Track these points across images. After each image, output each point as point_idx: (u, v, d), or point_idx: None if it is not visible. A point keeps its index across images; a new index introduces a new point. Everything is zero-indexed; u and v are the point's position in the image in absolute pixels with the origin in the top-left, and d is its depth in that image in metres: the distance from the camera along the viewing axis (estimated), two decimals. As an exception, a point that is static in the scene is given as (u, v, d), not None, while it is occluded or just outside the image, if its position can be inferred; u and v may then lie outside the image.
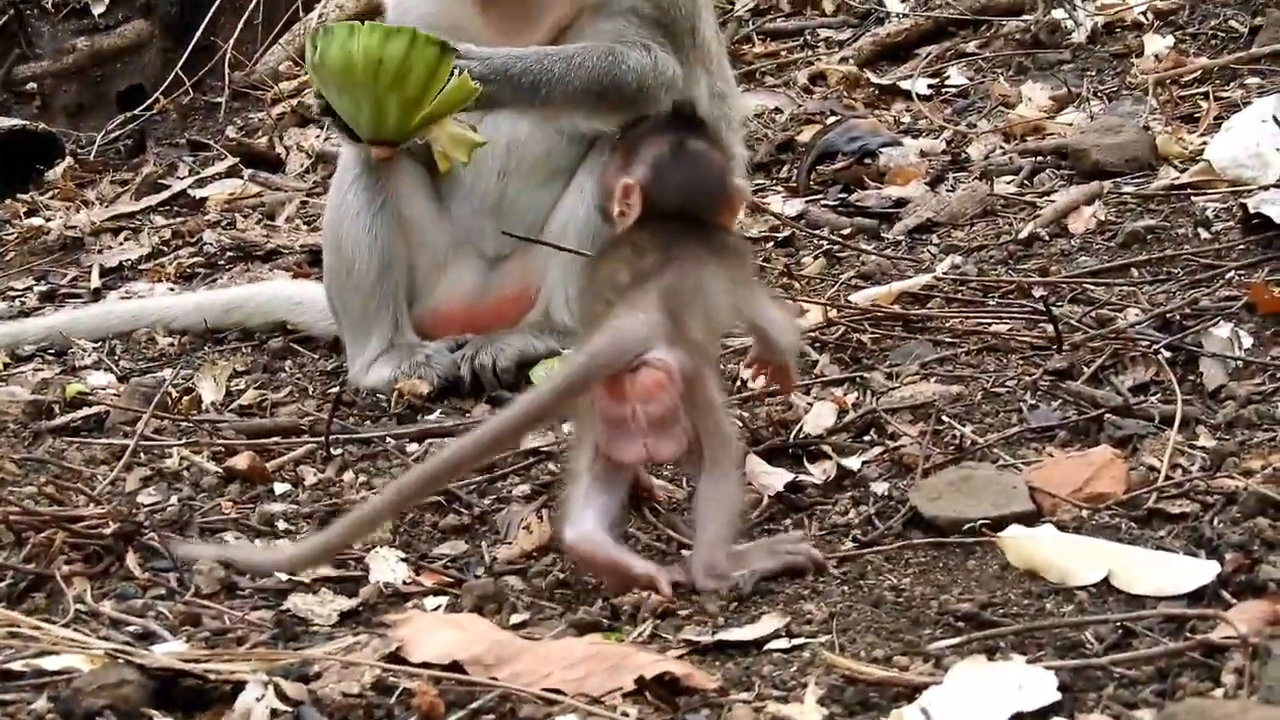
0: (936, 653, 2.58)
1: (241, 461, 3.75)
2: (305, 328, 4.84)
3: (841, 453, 3.49)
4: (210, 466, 3.79)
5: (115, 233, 6.31)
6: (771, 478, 3.38)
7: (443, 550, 3.31)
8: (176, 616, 2.97)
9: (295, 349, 4.74)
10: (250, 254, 5.82)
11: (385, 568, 3.15)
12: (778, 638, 2.71)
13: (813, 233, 5.01)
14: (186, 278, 5.73)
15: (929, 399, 3.65)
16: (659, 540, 3.20)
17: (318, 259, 4.91)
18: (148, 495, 3.66)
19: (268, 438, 3.98)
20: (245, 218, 6.27)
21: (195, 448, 3.90)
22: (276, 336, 4.83)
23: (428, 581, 3.15)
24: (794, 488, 3.36)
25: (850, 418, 3.64)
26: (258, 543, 3.38)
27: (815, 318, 4.18)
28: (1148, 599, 2.72)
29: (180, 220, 6.35)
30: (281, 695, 2.48)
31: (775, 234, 5.07)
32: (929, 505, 3.13)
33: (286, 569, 3.10)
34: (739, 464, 3.05)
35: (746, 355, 3.40)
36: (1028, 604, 2.76)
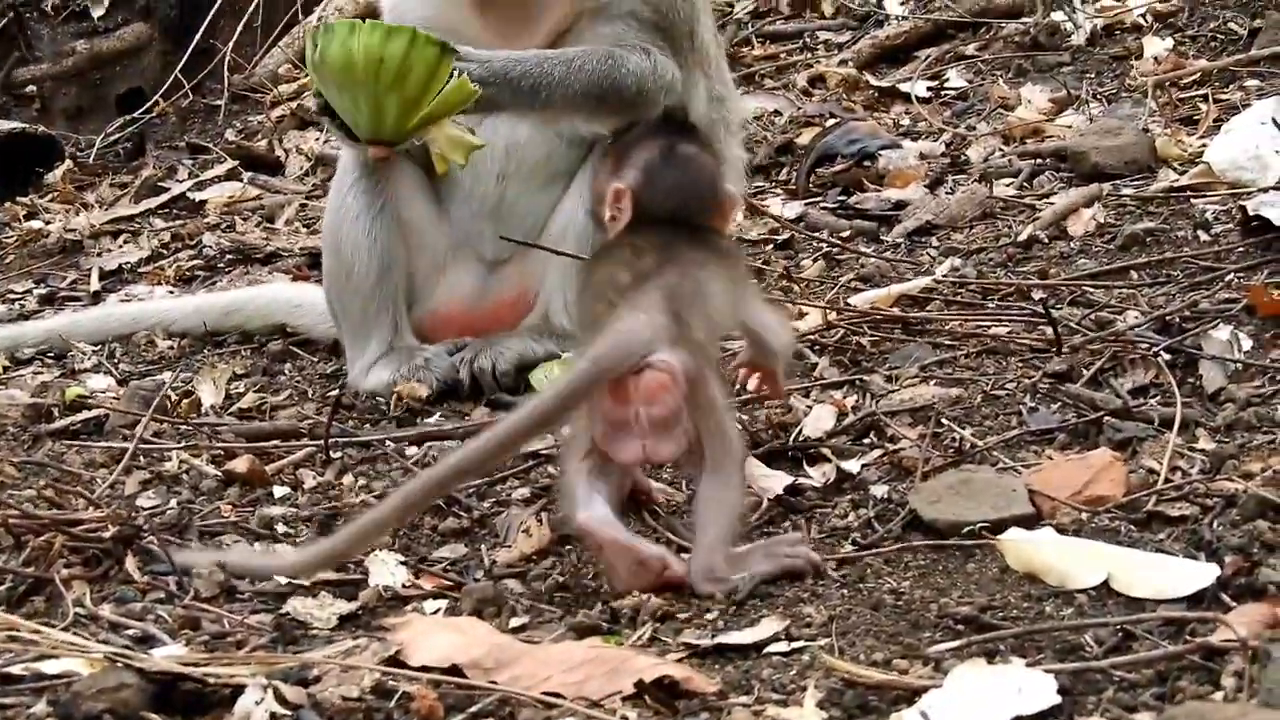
0: (936, 656, 2.58)
1: (241, 465, 3.75)
2: (305, 330, 4.83)
3: (841, 455, 3.49)
4: (210, 470, 3.79)
5: (115, 236, 6.30)
6: (771, 480, 3.38)
7: (442, 553, 3.30)
8: (176, 620, 2.96)
9: (295, 352, 4.73)
10: (250, 257, 5.81)
11: (384, 571, 3.15)
12: (777, 641, 2.71)
13: (812, 235, 5.01)
14: (186, 281, 5.72)
15: (928, 402, 3.66)
16: (659, 543, 3.19)
17: (317, 262, 4.91)
18: (147, 498, 3.66)
19: (267, 441, 3.98)
20: (245, 220, 6.26)
21: (195, 451, 3.90)
22: (276, 339, 4.82)
23: (427, 585, 3.14)
24: (793, 490, 3.36)
25: (850, 420, 3.64)
26: (257, 546, 3.38)
27: (814, 320, 4.18)
28: (1147, 602, 2.72)
29: (180, 223, 6.34)
30: (281, 699, 2.48)
31: (774, 236, 5.07)
32: (928, 508, 3.13)
33: (292, 574, 3.09)
34: (741, 466, 3.05)
35: (736, 358, 3.41)
36: (1027, 607, 2.76)
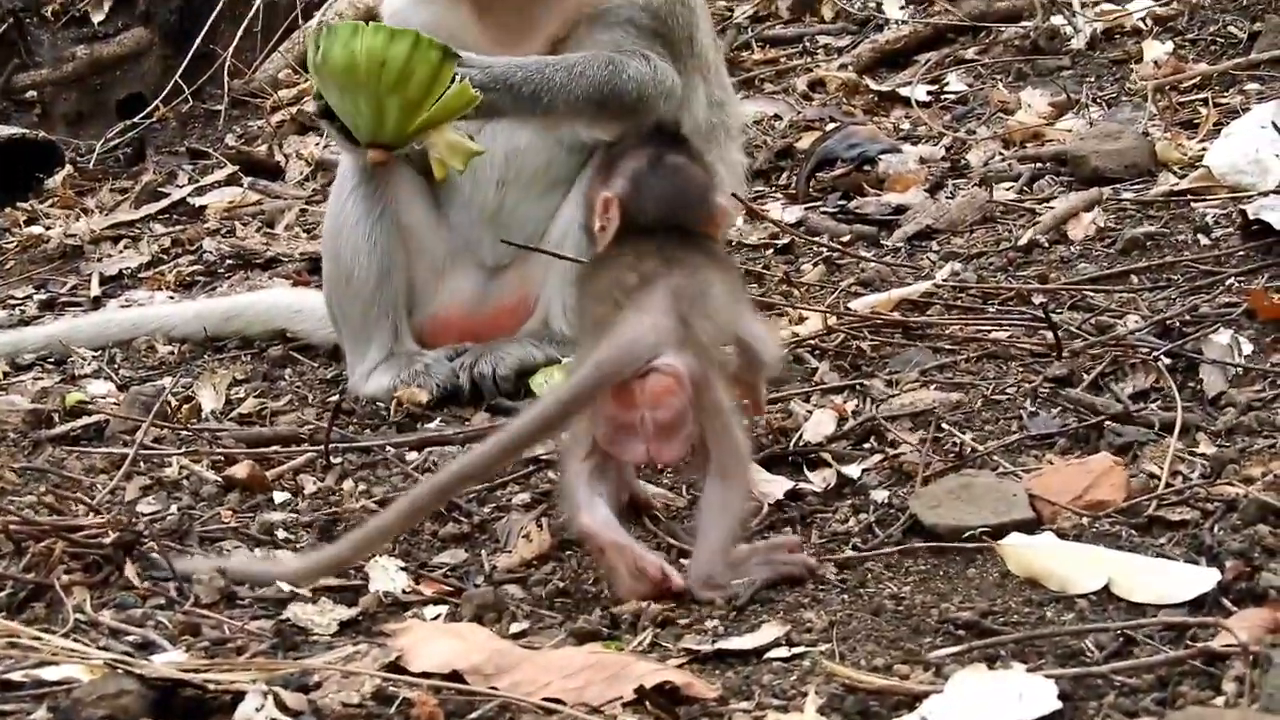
0: (937, 661, 2.58)
1: (241, 470, 3.75)
2: (305, 336, 4.83)
3: (841, 460, 3.49)
4: (210, 475, 3.79)
5: (115, 241, 6.30)
6: (771, 486, 3.37)
7: (442, 559, 3.30)
8: (176, 626, 2.96)
9: (295, 357, 4.73)
10: (250, 262, 5.81)
11: (385, 577, 3.15)
12: (778, 646, 2.71)
13: (812, 240, 5.01)
14: (186, 286, 5.71)
15: (929, 406, 3.65)
16: (659, 548, 3.19)
17: (317, 267, 4.91)
18: (147, 504, 3.66)
19: (267, 446, 3.98)
20: (245, 226, 6.26)
21: (195, 456, 3.90)
22: (276, 345, 4.82)
23: (427, 590, 3.14)
24: (794, 495, 3.36)
25: (850, 425, 3.64)
26: (258, 552, 3.38)
27: (815, 325, 4.18)
28: (1148, 607, 2.72)
29: (180, 228, 6.34)
30: (281, 705, 2.48)
31: (774, 241, 5.07)
32: (929, 513, 3.12)
33: (295, 581, 3.09)
34: (746, 471, 3.04)
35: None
36: (1028, 612, 2.76)
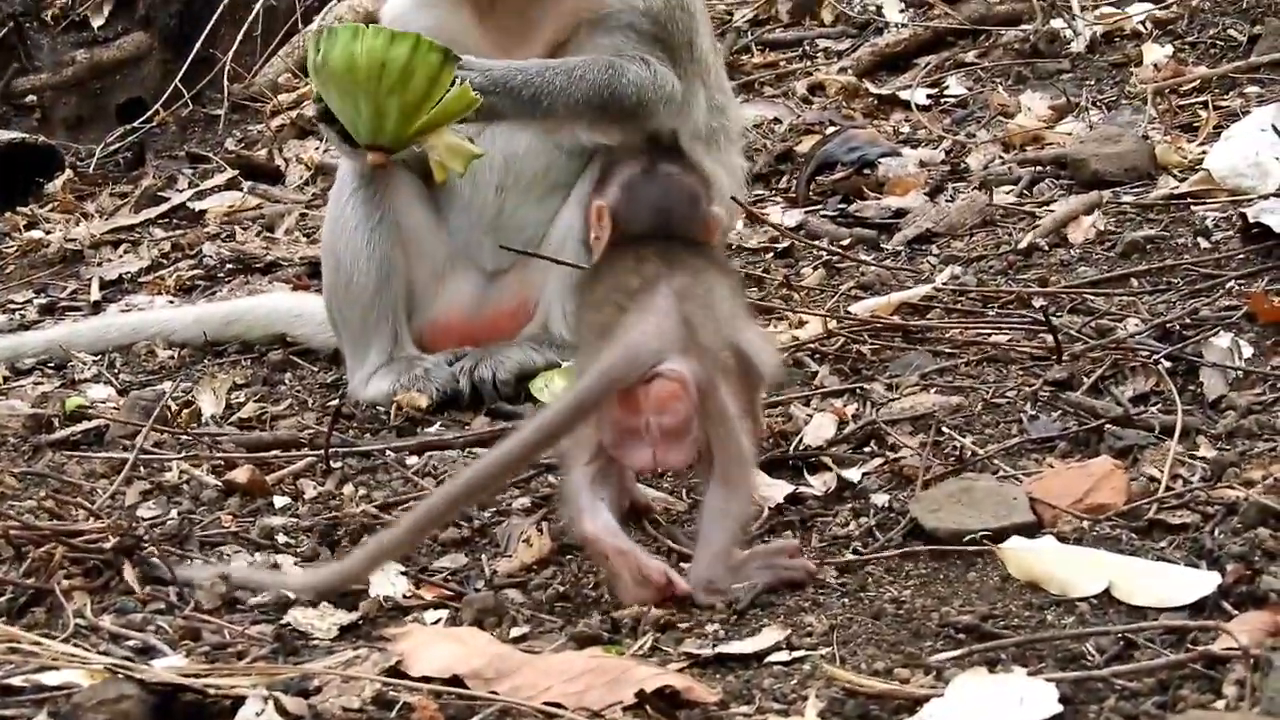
0: (937, 665, 2.58)
1: (241, 475, 3.75)
2: (305, 340, 4.83)
3: (842, 464, 3.49)
4: (210, 480, 3.79)
5: (115, 245, 6.30)
6: (772, 489, 3.37)
7: (442, 563, 3.30)
8: (176, 631, 2.96)
9: (295, 361, 4.73)
10: (250, 266, 5.81)
11: (385, 581, 3.14)
12: (778, 650, 2.71)
13: (812, 243, 5.01)
14: (186, 290, 5.71)
15: (929, 410, 3.65)
16: (660, 552, 3.19)
17: (317, 271, 4.91)
18: (147, 509, 3.65)
19: (267, 451, 3.97)
20: (245, 230, 6.26)
21: (195, 461, 3.90)
22: (276, 349, 4.82)
23: (428, 595, 3.14)
24: (794, 499, 3.36)
25: (850, 429, 3.64)
26: (258, 557, 3.38)
27: (815, 329, 4.18)
28: (1149, 610, 2.72)
29: (180, 233, 6.34)
30: (281, 710, 2.47)
31: (774, 245, 5.07)
32: (929, 517, 3.12)
33: (303, 594, 3.08)
34: (750, 476, 3.03)
35: None
36: (1029, 616, 2.76)
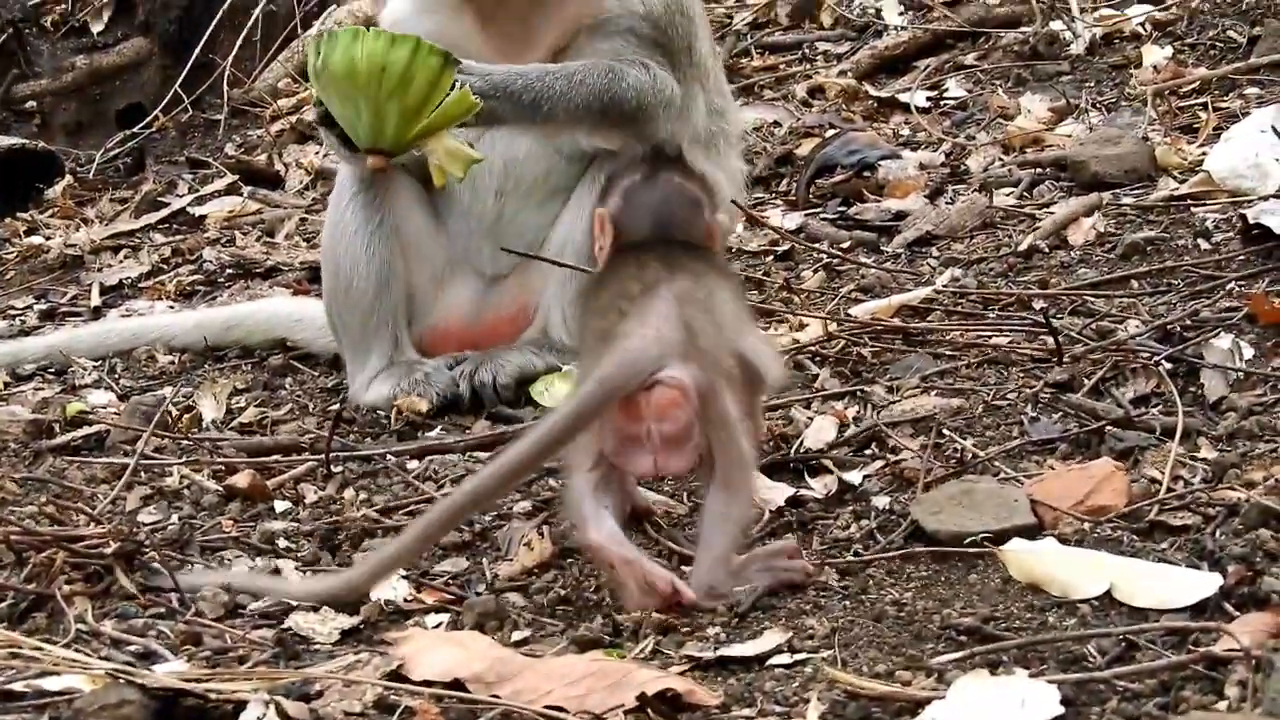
0: (939, 667, 2.58)
1: (242, 480, 3.75)
2: (305, 345, 4.83)
3: (842, 467, 3.49)
4: (211, 485, 3.79)
5: (115, 251, 6.31)
6: (772, 492, 3.37)
7: (444, 567, 3.30)
8: (178, 636, 2.96)
9: (295, 366, 4.73)
10: (250, 271, 5.81)
11: (386, 586, 3.14)
12: (779, 653, 2.71)
13: (812, 246, 5.01)
14: (186, 295, 5.72)
15: (929, 412, 3.65)
16: (660, 555, 3.19)
17: (317, 276, 4.90)
18: (148, 514, 3.65)
19: (268, 455, 3.98)
20: (245, 235, 6.26)
21: (196, 466, 3.90)
22: (276, 354, 4.82)
23: (429, 599, 3.14)
24: (795, 502, 3.36)
25: (851, 432, 3.64)
26: (259, 561, 3.38)
27: (815, 331, 4.18)
28: (1150, 612, 2.72)
29: (180, 238, 6.34)
30: (283, 714, 2.47)
31: (774, 248, 5.07)
32: (930, 519, 3.12)
33: (311, 604, 3.08)
34: (751, 481, 3.03)
35: None
36: (1030, 617, 2.76)
